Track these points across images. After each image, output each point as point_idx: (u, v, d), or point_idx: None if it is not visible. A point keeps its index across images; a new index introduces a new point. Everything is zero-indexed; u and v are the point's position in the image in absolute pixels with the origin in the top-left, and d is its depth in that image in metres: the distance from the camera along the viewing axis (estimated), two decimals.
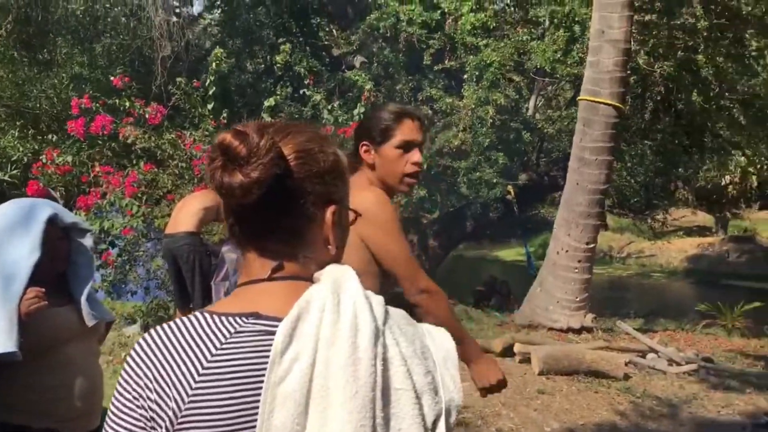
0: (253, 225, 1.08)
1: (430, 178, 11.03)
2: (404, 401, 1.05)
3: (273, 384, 0.97)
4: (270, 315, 1.04)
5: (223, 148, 1.02)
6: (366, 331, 1.03)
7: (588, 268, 8.08)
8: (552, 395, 5.80)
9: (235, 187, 1.02)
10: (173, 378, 0.99)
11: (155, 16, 10.96)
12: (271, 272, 1.08)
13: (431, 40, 10.60)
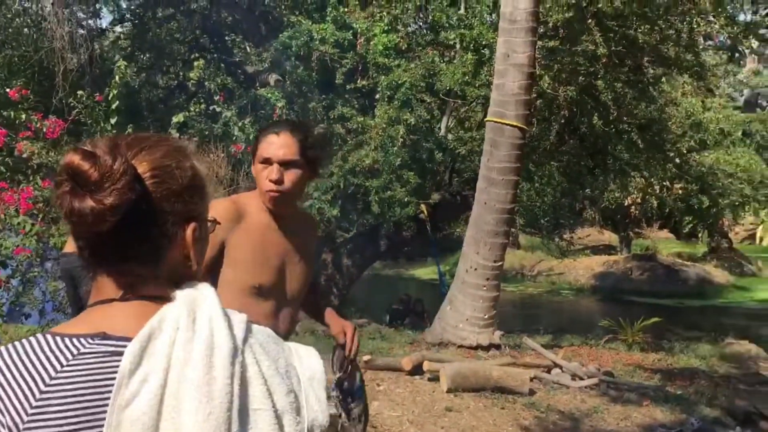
0: (106, 250, 1.02)
1: (343, 197, 11.05)
2: (262, 421, 1.02)
3: (119, 407, 0.92)
4: (118, 335, 0.98)
5: (72, 172, 0.95)
6: (223, 350, 0.99)
7: (496, 286, 8.24)
8: (459, 412, 5.85)
9: (86, 215, 0.95)
10: (7, 405, 0.91)
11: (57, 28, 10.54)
12: (124, 292, 1.02)
13: (344, 59, 10.66)
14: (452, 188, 13.11)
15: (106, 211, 0.96)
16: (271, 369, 1.07)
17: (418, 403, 5.99)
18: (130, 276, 1.03)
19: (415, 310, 13.02)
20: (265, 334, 1.13)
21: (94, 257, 1.03)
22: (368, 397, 2.53)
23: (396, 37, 10.53)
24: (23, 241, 6.99)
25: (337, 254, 12.62)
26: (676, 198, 16.77)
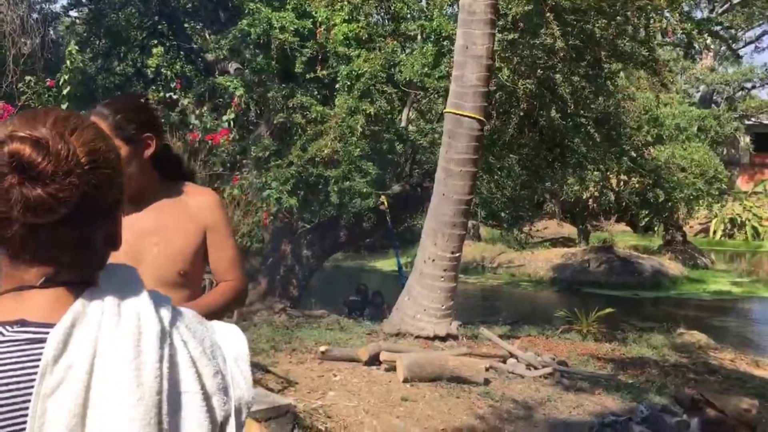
0: (41, 238, 0.97)
1: (303, 187, 10.98)
2: (192, 404, 1.00)
3: (43, 396, 0.89)
4: (39, 321, 0.94)
5: (23, 164, 0.90)
6: (151, 334, 0.97)
7: (453, 277, 8.28)
8: (415, 402, 5.88)
9: (38, 206, 0.91)
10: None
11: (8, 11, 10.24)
12: (45, 279, 0.98)
13: (304, 48, 10.58)
14: (413, 180, 13.15)
15: (60, 203, 0.93)
16: (198, 350, 1.05)
17: (374, 393, 6.00)
18: (54, 263, 0.99)
19: (374, 302, 13.04)
20: (189, 314, 1.11)
21: (22, 244, 0.97)
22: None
23: (356, 26, 10.47)
24: None
25: (296, 245, 12.54)
26: (632, 191, 17.09)
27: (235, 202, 8.88)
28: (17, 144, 0.92)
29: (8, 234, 0.95)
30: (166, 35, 14.58)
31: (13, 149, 0.92)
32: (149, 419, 0.93)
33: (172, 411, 0.98)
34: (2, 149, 0.92)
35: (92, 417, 0.92)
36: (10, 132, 0.94)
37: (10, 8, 10.24)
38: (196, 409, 1.01)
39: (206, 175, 8.55)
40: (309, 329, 8.89)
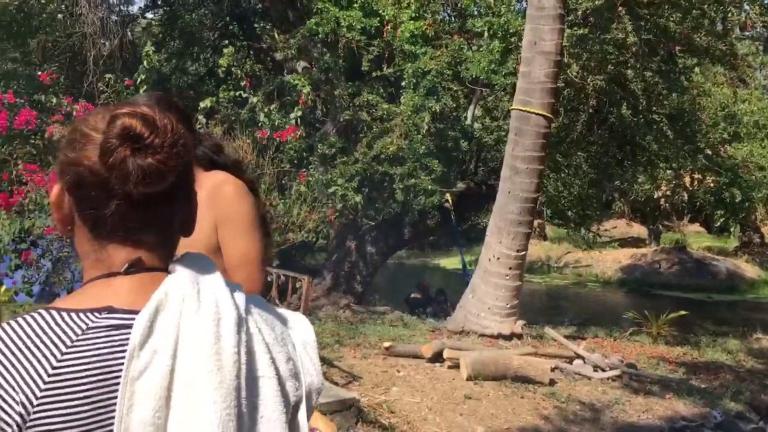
0: (134, 216, 1.02)
1: (368, 184, 11.05)
2: (267, 388, 1.04)
3: (131, 379, 0.94)
4: (125, 308, 0.99)
5: (133, 136, 0.97)
6: (229, 320, 1.01)
7: (519, 276, 8.20)
8: (479, 400, 5.85)
9: (150, 174, 0.97)
10: (19, 382, 0.92)
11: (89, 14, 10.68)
12: (129, 265, 1.03)
13: (370, 46, 10.64)
14: (477, 177, 13.05)
15: (169, 171, 0.99)
16: (271, 337, 1.09)
17: (437, 390, 6.00)
18: (139, 248, 1.04)
19: (436, 299, 13.02)
20: (260, 302, 1.14)
21: (121, 225, 1.02)
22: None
23: (423, 24, 10.46)
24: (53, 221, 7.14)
25: (361, 241, 12.64)
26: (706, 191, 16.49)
27: (301, 198, 9.02)
28: (127, 119, 0.99)
29: (107, 211, 1.01)
30: (236, 35, 14.91)
31: (125, 123, 0.98)
32: (229, 402, 0.97)
33: (250, 395, 1.02)
34: (114, 124, 0.99)
35: (176, 399, 0.96)
36: (118, 110, 1.01)
37: (90, 10, 10.67)
38: (271, 393, 1.05)
39: (274, 172, 8.69)
40: (373, 325, 8.96)
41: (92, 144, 1.00)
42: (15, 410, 0.91)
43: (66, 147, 1.04)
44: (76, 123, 1.06)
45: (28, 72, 12.13)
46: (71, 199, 1.04)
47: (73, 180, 1.01)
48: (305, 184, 9.10)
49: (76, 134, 1.03)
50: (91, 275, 1.05)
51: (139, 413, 0.93)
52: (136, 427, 0.93)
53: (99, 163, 0.99)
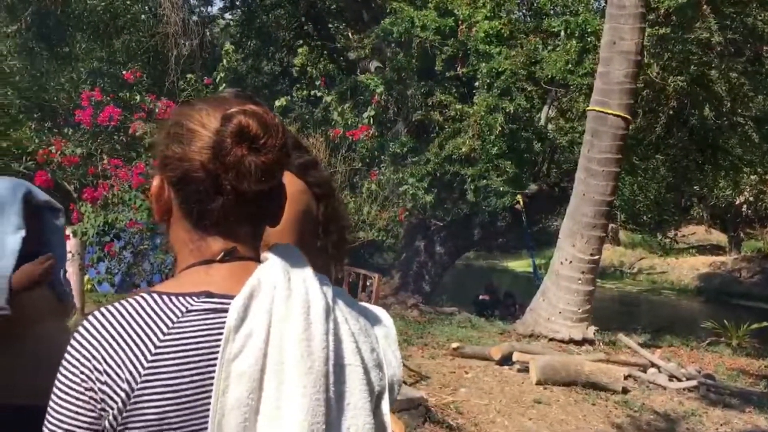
0: (240, 210, 1.06)
1: (439, 185, 11.03)
2: (353, 377, 1.06)
3: (227, 361, 0.97)
4: (221, 293, 1.03)
5: (248, 135, 1.01)
6: (318, 308, 1.04)
7: (591, 280, 8.03)
8: (548, 405, 5.77)
9: (263, 171, 1.01)
10: (124, 359, 0.97)
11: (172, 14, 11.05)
12: (224, 254, 1.07)
13: (444, 46, 10.60)
14: (550, 179, 12.84)
15: (279, 170, 1.03)
16: (357, 327, 1.11)
17: (506, 393, 5.95)
18: (234, 239, 1.08)
19: (505, 302, 12.88)
20: (343, 293, 1.17)
21: (219, 219, 1.06)
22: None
23: (498, 23, 10.36)
24: (135, 215, 7.40)
25: (430, 241, 12.63)
26: None
27: (372, 197, 9.07)
28: (242, 118, 1.02)
29: (213, 206, 1.05)
30: (311, 35, 15.14)
31: (241, 123, 1.01)
32: (318, 387, 1.00)
33: (337, 381, 1.04)
34: (229, 123, 1.02)
35: (268, 382, 0.99)
36: (230, 108, 1.03)
37: (173, 11, 11.04)
38: (357, 381, 1.07)
39: (346, 170, 8.78)
40: (441, 325, 8.94)
41: (200, 140, 1.03)
42: (121, 387, 0.96)
43: (170, 141, 1.06)
44: (179, 117, 1.08)
45: (112, 70, 12.62)
46: (173, 192, 1.08)
47: (179, 175, 1.05)
48: (376, 183, 9.15)
49: (181, 129, 1.06)
50: (187, 262, 1.09)
51: (234, 394, 0.97)
52: (232, 407, 0.96)
53: (211, 161, 1.02)
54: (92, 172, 8.04)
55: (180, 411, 0.96)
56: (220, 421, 0.96)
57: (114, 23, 13.68)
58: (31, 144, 10.48)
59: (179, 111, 1.11)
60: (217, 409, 0.96)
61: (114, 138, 9.19)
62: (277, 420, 0.98)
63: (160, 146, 1.09)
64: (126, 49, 13.54)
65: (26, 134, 10.72)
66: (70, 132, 10.47)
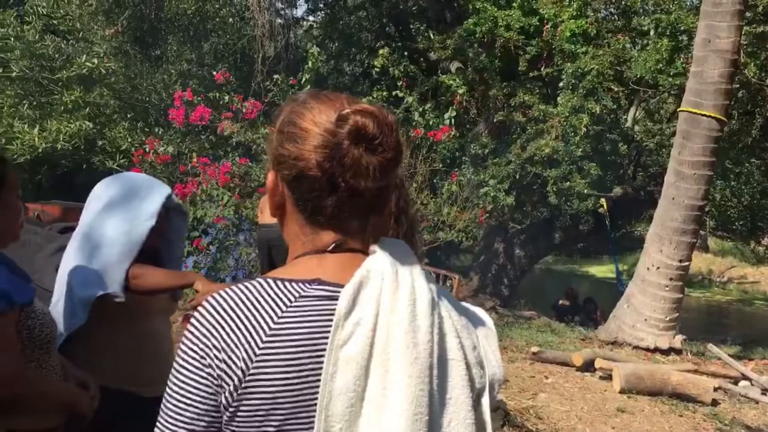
0: (353, 206, 1.09)
1: (519, 187, 10.88)
2: (456, 371, 1.07)
3: (336, 347, 1.00)
4: (332, 281, 1.06)
5: (366, 135, 1.03)
6: (424, 301, 1.05)
7: (680, 287, 7.73)
8: (632, 414, 5.60)
9: (379, 170, 1.03)
10: (241, 339, 1.01)
11: (259, 17, 11.34)
12: (335, 246, 1.10)
13: (528, 46, 10.45)
14: (636, 183, 12.46)
15: (394, 168, 1.05)
16: (460, 323, 1.12)
17: (587, 400, 5.81)
18: (344, 232, 1.10)
19: (585, 308, 12.57)
20: (446, 291, 1.17)
21: (333, 213, 1.08)
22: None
23: (585, 22, 10.12)
24: (222, 211, 7.64)
25: (509, 244, 12.47)
26: None
27: (452, 198, 9.04)
28: (359, 117, 1.04)
29: (327, 202, 1.08)
30: (392, 36, 15.21)
31: (358, 123, 1.03)
32: (423, 378, 1.01)
33: (440, 375, 1.05)
34: (345, 122, 1.04)
35: (375, 370, 1.01)
36: (347, 109, 1.05)
37: (260, 14, 11.32)
38: (459, 376, 1.07)
39: (426, 171, 8.78)
40: (519, 329, 8.81)
41: (314, 139, 1.06)
42: (237, 365, 1.00)
43: (283, 139, 1.09)
44: (291, 116, 1.11)
45: (201, 72, 13.05)
46: (286, 189, 1.11)
47: (294, 174, 1.07)
48: (456, 184, 9.11)
49: (295, 128, 1.08)
50: (299, 252, 1.12)
51: (341, 379, 0.99)
52: (339, 392, 0.98)
53: (327, 160, 1.04)
54: (182, 170, 8.35)
55: (291, 392, 1.00)
56: (328, 404, 0.98)
57: (203, 26, 14.14)
58: (124, 142, 10.97)
59: (291, 109, 1.13)
60: (325, 393, 0.98)
61: (202, 137, 9.50)
62: (382, 407, 0.99)
63: (273, 144, 1.13)
64: (214, 51, 13.95)
65: (120, 133, 11.21)
66: (160, 131, 10.88)
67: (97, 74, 10.65)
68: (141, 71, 12.44)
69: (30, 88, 10.71)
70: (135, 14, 12.08)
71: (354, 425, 0.99)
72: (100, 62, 10.65)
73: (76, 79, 10.59)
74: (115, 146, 11.00)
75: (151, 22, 12.74)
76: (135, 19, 12.24)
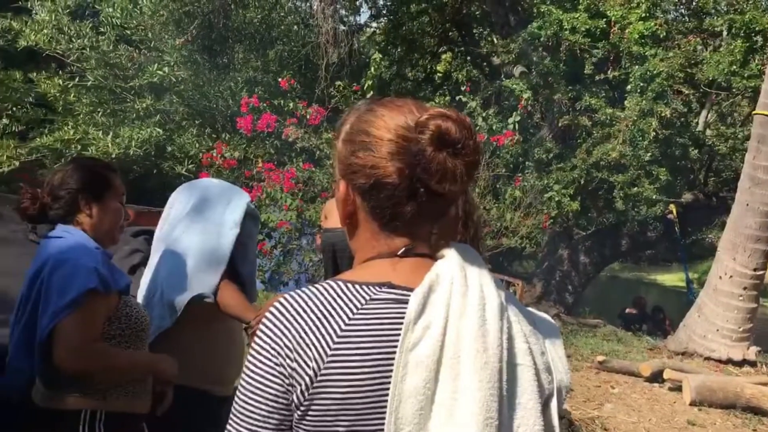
0: (428, 211, 1.09)
1: (584, 192, 10.67)
2: (525, 376, 1.07)
3: (406, 349, 1.01)
4: (402, 285, 1.07)
5: (451, 140, 1.03)
6: (493, 305, 1.06)
7: (754, 297, 7.43)
8: (703, 428, 5.42)
9: (464, 176, 1.04)
10: (313, 340, 1.02)
11: (323, 24, 11.48)
12: (405, 250, 1.11)
13: (594, 48, 10.24)
14: (707, 189, 12.06)
15: (475, 172, 1.06)
16: (528, 328, 1.12)
17: (656, 411, 5.65)
18: (414, 237, 1.11)
19: (653, 317, 12.22)
20: (513, 297, 1.16)
21: (411, 218, 1.09)
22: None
23: (654, 24, 9.85)
24: (285, 215, 7.77)
25: (574, 250, 12.24)
26: None
27: (515, 203, 8.94)
28: (440, 122, 1.04)
29: (405, 209, 1.08)
30: (455, 41, 15.17)
31: (442, 127, 1.04)
32: (493, 383, 1.00)
33: (509, 380, 1.05)
34: (426, 129, 1.04)
35: (444, 373, 1.01)
36: (424, 114, 1.06)
37: (324, 21, 11.46)
38: (528, 381, 1.07)
39: (489, 176, 8.72)
40: (584, 337, 8.64)
41: (389, 146, 1.06)
42: (309, 365, 1.01)
43: (355, 149, 1.10)
44: (360, 124, 1.11)
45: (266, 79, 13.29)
46: (359, 197, 1.11)
47: (371, 183, 1.08)
48: (520, 189, 9.01)
49: (366, 137, 1.09)
50: (367, 256, 1.13)
51: (411, 382, 0.99)
52: (409, 394, 0.99)
53: (408, 167, 1.05)
54: (247, 175, 8.53)
55: (361, 393, 1.01)
56: (398, 406, 0.99)
57: (269, 34, 14.40)
58: (192, 148, 11.27)
59: (358, 117, 1.13)
60: (395, 394, 0.99)
61: (267, 142, 9.68)
62: (452, 410, 1.00)
63: (342, 154, 1.13)
64: (279, 58, 14.19)
65: (188, 139, 11.51)
66: (227, 137, 11.13)
67: (167, 82, 10.98)
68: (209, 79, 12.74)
69: (104, 97, 11.11)
70: (204, 24, 12.39)
71: (424, 428, 0.99)
72: (170, 71, 10.97)
73: (147, 87, 10.94)
74: (184, 152, 11.29)
75: (219, 31, 13.05)
76: (204, 28, 12.55)
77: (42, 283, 1.99)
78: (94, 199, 2.15)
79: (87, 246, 2.07)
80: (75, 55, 10.66)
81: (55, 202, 2.15)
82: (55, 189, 2.15)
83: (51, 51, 10.54)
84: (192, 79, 12.18)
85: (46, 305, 1.95)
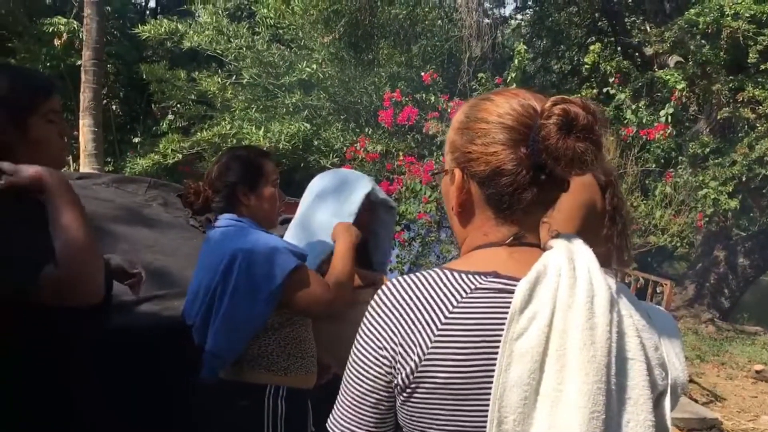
0: (541, 198, 1.10)
1: (745, 190, 9.92)
2: (636, 371, 1.05)
3: (511, 339, 1.01)
4: (508, 275, 1.07)
5: (579, 124, 1.04)
6: (602, 298, 1.04)
7: None
8: None
9: (590, 157, 1.04)
10: (417, 326, 1.05)
11: (467, 18, 11.44)
12: (513, 239, 1.11)
13: (760, 35, 9.44)
14: None
15: (600, 153, 1.06)
16: (641, 322, 1.09)
17: None
18: (521, 225, 1.11)
19: None
20: (627, 290, 1.13)
21: (524, 208, 1.09)
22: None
23: None
24: (424, 207, 7.85)
25: (731, 252, 11.41)
26: None
27: (666, 200, 8.47)
28: (566, 106, 1.05)
29: (527, 195, 1.09)
30: (605, 31, 14.56)
31: (570, 113, 1.04)
32: (600, 377, 0.99)
33: (619, 374, 1.02)
34: (552, 114, 1.05)
35: (550, 365, 1.01)
36: (552, 100, 1.07)
37: (469, 14, 11.42)
38: (639, 376, 1.04)
39: (637, 171, 8.31)
40: (741, 345, 8.08)
41: (508, 132, 1.07)
42: (413, 351, 1.04)
43: (472, 137, 1.11)
44: (474, 112, 1.13)
45: (409, 74, 13.44)
46: (476, 185, 1.12)
47: (489, 170, 1.09)
48: (671, 186, 8.52)
49: (482, 124, 1.10)
50: (474, 245, 1.13)
51: (515, 372, 0.99)
52: (513, 385, 0.99)
53: (532, 153, 1.05)
54: (389, 168, 8.69)
55: (464, 380, 1.02)
56: (502, 395, 0.99)
57: (413, 29, 14.55)
58: (337, 142, 11.63)
59: (474, 107, 1.15)
60: (499, 384, 0.99)
61: (408, 136, 9.81)
62: (557, 402, 0.99)
63: (457, 142, 1.14)
64: (422, 53, 14.30)
65: (333, 134, 11.90)
66: (370, 131, 11.38)
67: (315, 79, 11.41)
68: (354, 75, 13.09)
69: (258, 93, 11.74)
70: (351, 21, 12.73)
71: (528, 418, 0.99)
72: (318, 68, 11.39)
73: (296, 83, 11.44)
74: (329, 146, 11.69)
75: (365, 28, 13.36)
76: (350, 26, 12.89)
77: (240, 274, 2.06)
78: (250, 190, 2.26)
79: (263, 232, 2.19)
80: (233, 54, 11.34)
81: (216, 194, 2.28)
82: (214, 182, 2.28)
83: (211, 51, 11.28)
84: (338, 75, 12.57)
85: (255, 293, 2.06)
